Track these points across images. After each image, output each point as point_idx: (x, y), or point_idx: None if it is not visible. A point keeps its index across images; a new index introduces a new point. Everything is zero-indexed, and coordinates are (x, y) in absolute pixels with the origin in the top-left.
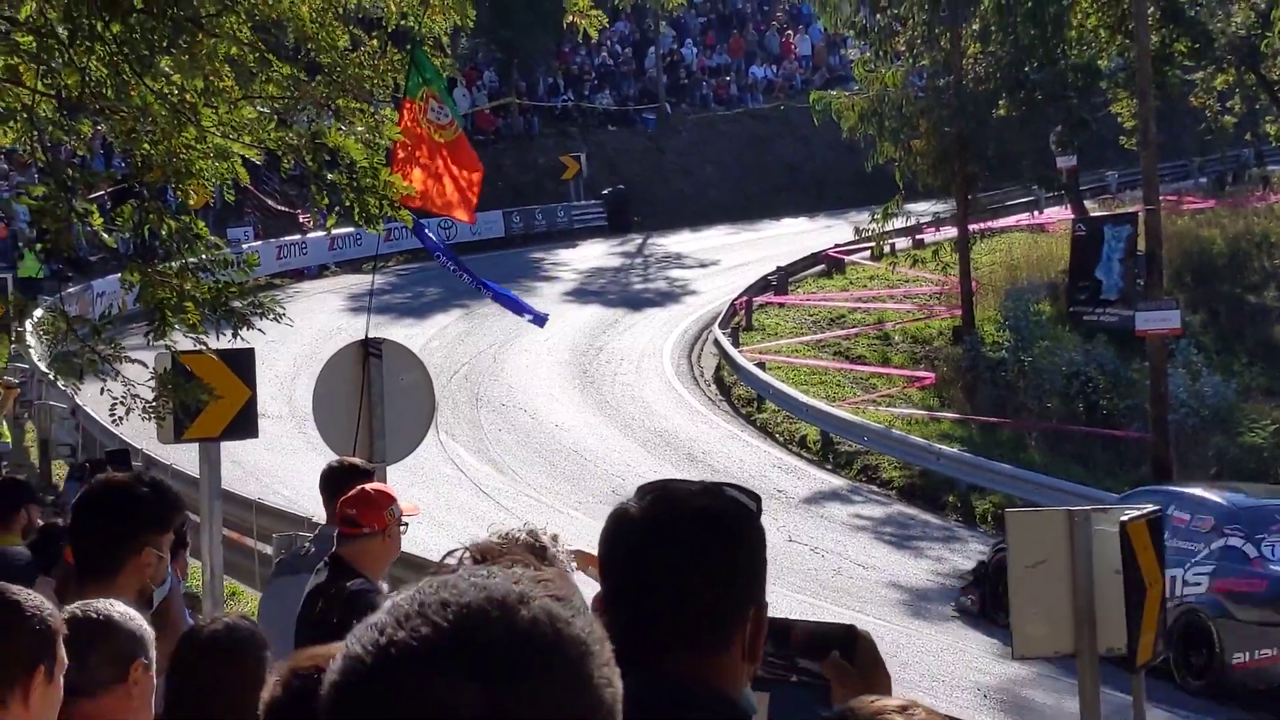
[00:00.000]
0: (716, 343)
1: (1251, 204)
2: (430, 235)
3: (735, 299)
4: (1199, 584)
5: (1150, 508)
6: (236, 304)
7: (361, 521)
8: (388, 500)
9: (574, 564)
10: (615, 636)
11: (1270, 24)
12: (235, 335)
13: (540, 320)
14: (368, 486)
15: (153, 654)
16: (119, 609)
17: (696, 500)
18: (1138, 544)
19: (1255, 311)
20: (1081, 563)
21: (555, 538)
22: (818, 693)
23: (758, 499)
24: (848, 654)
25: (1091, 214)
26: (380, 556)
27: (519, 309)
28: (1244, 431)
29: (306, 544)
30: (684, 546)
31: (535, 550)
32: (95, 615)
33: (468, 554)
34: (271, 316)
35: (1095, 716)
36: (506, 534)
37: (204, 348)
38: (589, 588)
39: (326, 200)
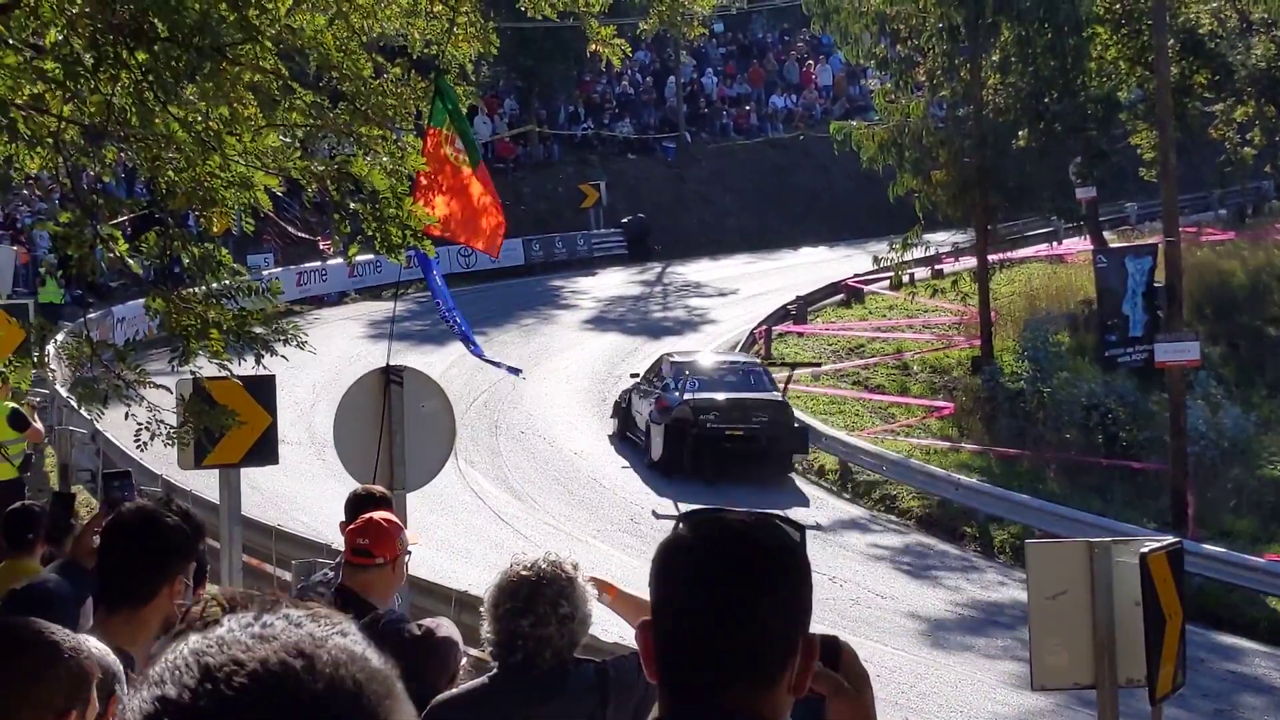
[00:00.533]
0: None
1: (1272, 236)
2: (436, 276)
3: (754, 328)
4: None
5: (1170, 540)
6: (259, 330)
7: (375, 552)
8: (398, 530)
9: (594, 590)
10: (670, 668)
11: None
12: (258, 362)
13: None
14: (376, 516)
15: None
16: (94, 645)
17: (756, 531)
18: (1158, 576)
19: (1276, 344)
20: (1101, 594)
21: (576, 566)
22: (812, 708)
23: (803, 530)
24: (832, 665)
25: (1111, 245)
26: (389, 586)
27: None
28: (1263, 464)
29: (328, 571)
30: (746, 578)
31: (563, 577)
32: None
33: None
34: (295, 343)
35: None
36: (532, 563)
37: (228, 374)
38: (607, 614)
39: (349, 228)
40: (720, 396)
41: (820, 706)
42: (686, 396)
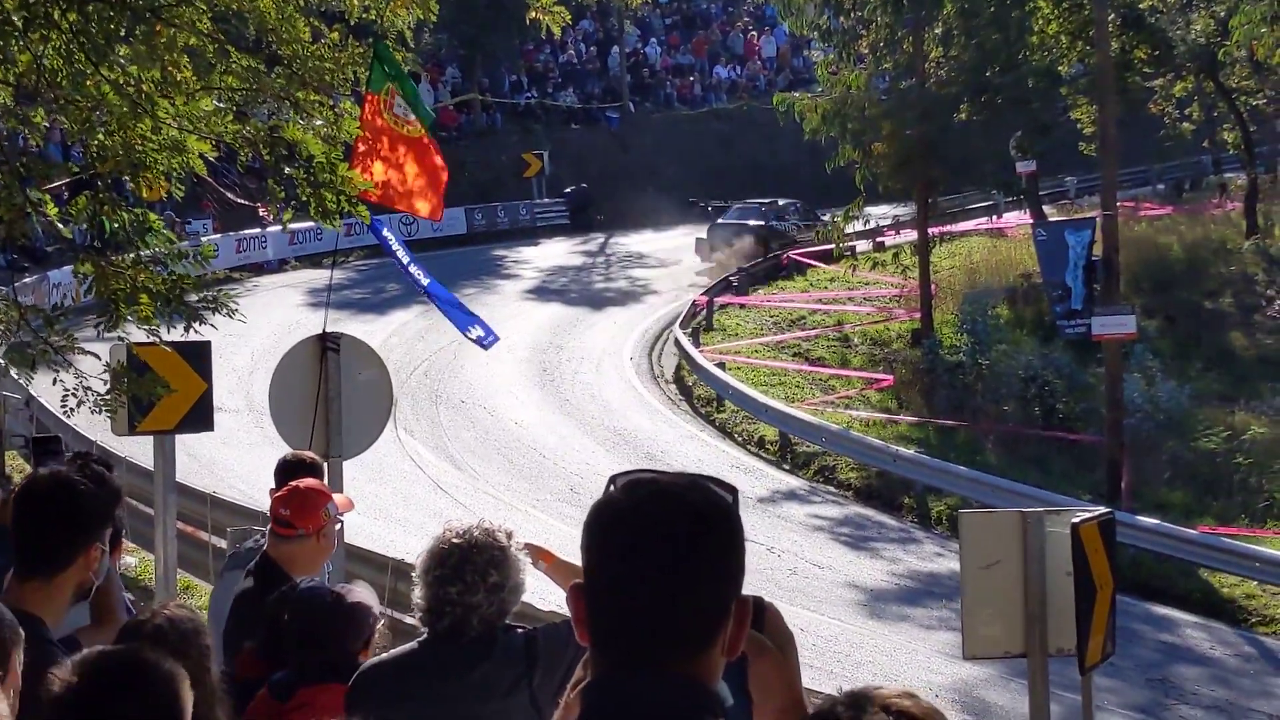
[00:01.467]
0: (677, 343)
1: (1209, 211)
2: (386, 234)
3: (696, 299)
4: None
5: (1102, 510)
6: (191, 298)
7: (296, 523)
8: (323, 499)
9: (528, 559)
10: (602, 632)
11: (1229, 32)
12: (187, 330)
13: (486, 342)
14: (301, 484)
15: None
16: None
17: (688, 493)
18: (1089, 546)
19: (1211, 318)
20: (1034, 564)
21: (510, 535)
22: (734, 669)
23: (735, 491)
24: (757, 626)
25: (1050, 219)
26: (313, 557)
27: (465, 325)
28: (1198, 437)
29: (258, 537)
30: (678, 541)
31: (495, 545)
32: None
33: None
34: (224, 312)
35: (1044, 716)
36: (464, 530)
37: (157, 340)
38: (542, 582)
39: (283, 194)
40: None
41: (743, 667)
42: None
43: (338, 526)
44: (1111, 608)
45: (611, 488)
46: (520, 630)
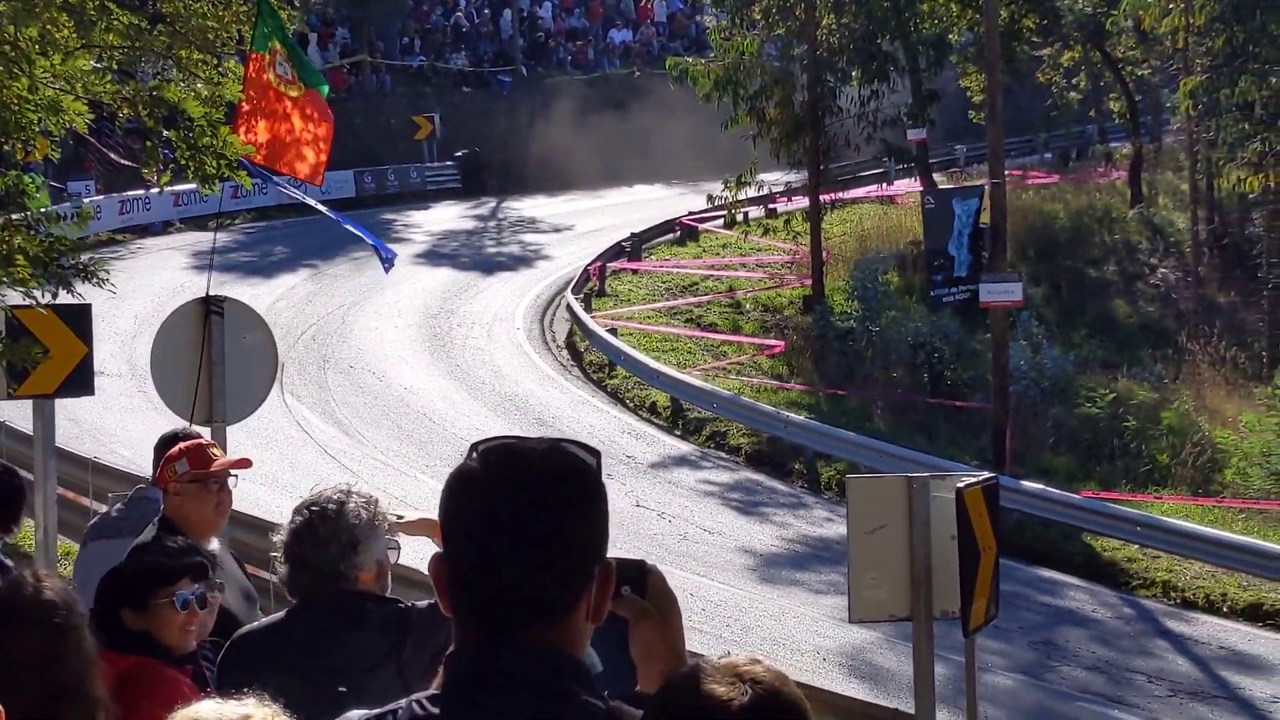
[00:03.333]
0: (569, 308)
1: (1094, 180)
2: (279, 183)
3: (589, 264)
4: None
5: (986, 475)
6: (67, 261)
7: (195, 467)
8: (173, 456)
9: (390, 530)
10: (462, 602)
11: (1116, 2)
12: (55, 296)
13: (387, 260)
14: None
15: None
16: None
17: (545, 459)
18: (973, 510)
19: (1095, 285)
20: (919, 528)
21: (375, 501)
22: (613, 633)
23: (598, 454)
24: (639, 589)
25: (940, 187)
26: (214, 517)
27: (373, 242)
28: (1081, 403)
29: (119, 505)
30: (538, 507)
31: (350, 507)
32: None
33: None
34: (95, 281)
35: (929, 679)
36: (323, 493)
37: (34, 303)
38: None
39: (161, 156)
40: None
41: (623, 631)
42: None
43: (233, 483)
44: (995, 571)
45: (473, 455)
46: (398, 603)
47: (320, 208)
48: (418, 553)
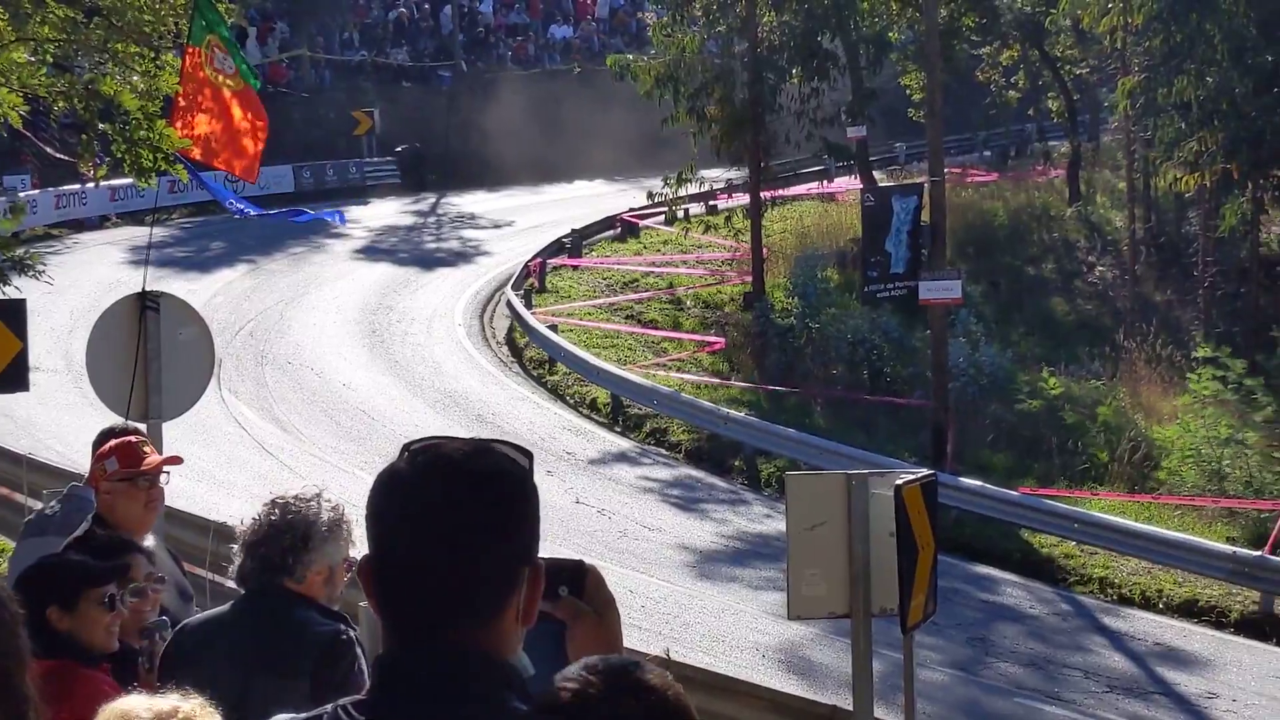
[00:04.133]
0: (509, 304)
1: (1033, 178)
2: (213, 181)
3: (529, 260)
4: None
5: (925, 472)
6: (2, 256)
7: (124, 465)
8: (103, 454)
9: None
10: (389, 606)
11: (1055, 2)
12: None
13: (336, 217)
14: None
15: None
16: None
17: (471, 460)
18: (912, 507)
19: (1033, 283)
20: (858, 525)
21: (338, 507)
22: (552, 635)
23: (529, 455)
24: (577, 590)
25: (880, 184)
26: (145, 515)
27: (319, 215)
28: (1020, 400)
29: (54, 503)
30: (462, 508)
31: (314, 510)
32: None
33: None
34: (30, 275)
35: (867, 676)
36: (291, 494)
37: None
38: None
39: (97, 150)
40: None
41: (561, 632)
42: None
43: (165, 480)
44: (933, 568)
45: (403, 455)
46: (338, 625)
47: (251, 211)
48: None
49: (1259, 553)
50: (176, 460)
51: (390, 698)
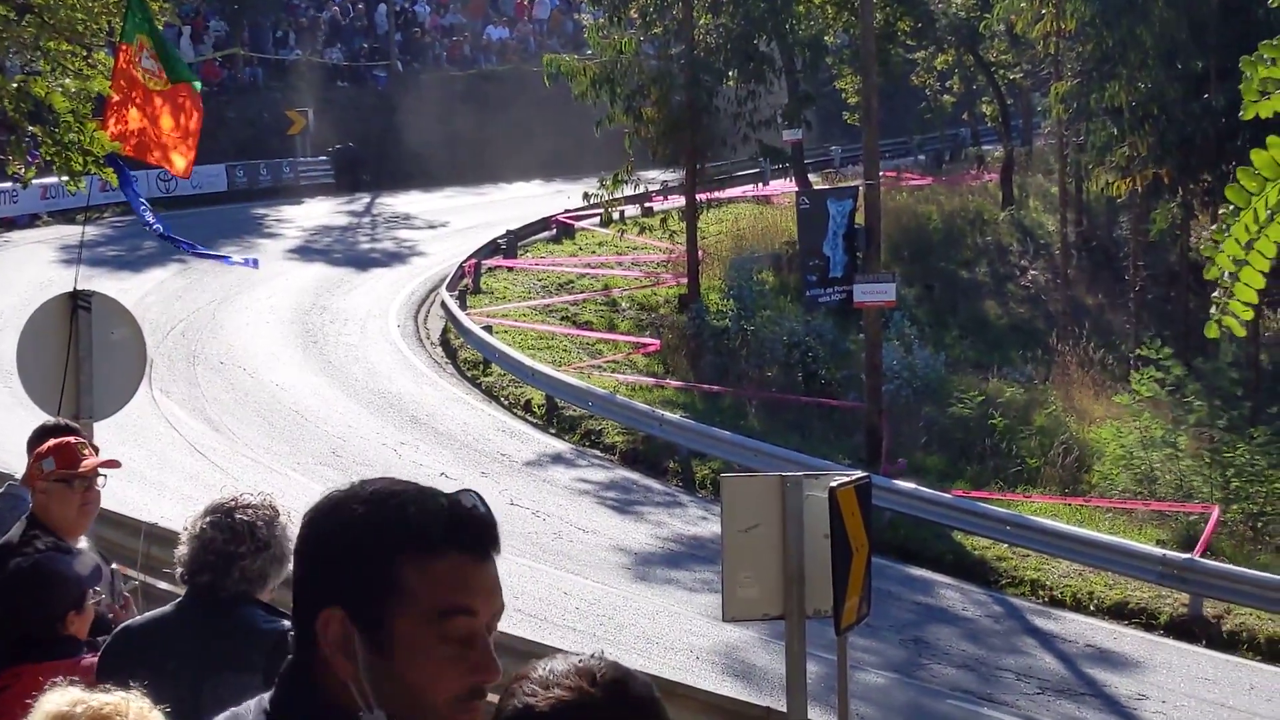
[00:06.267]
0: (444, 305)
1: (967, 182)
2: (137, 193)
3: (464, 261)
4: None
5: (859, 474)
6: None
7: (62, 466)
8: (41, 454)
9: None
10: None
11: (990, 7)
12: None
13: (249, 263)
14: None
15: None
16: None
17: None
18: (846, 509)
19: (967, 286)
20: (792, 527)
21: (288, 512)
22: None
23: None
24: None
25: (815, 188)
26: (80, 517)
27: (226, 259)
28: (954, 403)
29: None
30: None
31: (268, 506)
32: None
33: None
34: None
35: (801, 677)
36: (240, 492)
37: None
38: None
39: (26, 152)
40: None
41: None
42: None
43: (101, 483)
44: (867, 570)
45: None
46: (286, 623)
47: (160, 228)
48: None
49: (1188, 555)
50: (114, 464)
51: (287, 697)
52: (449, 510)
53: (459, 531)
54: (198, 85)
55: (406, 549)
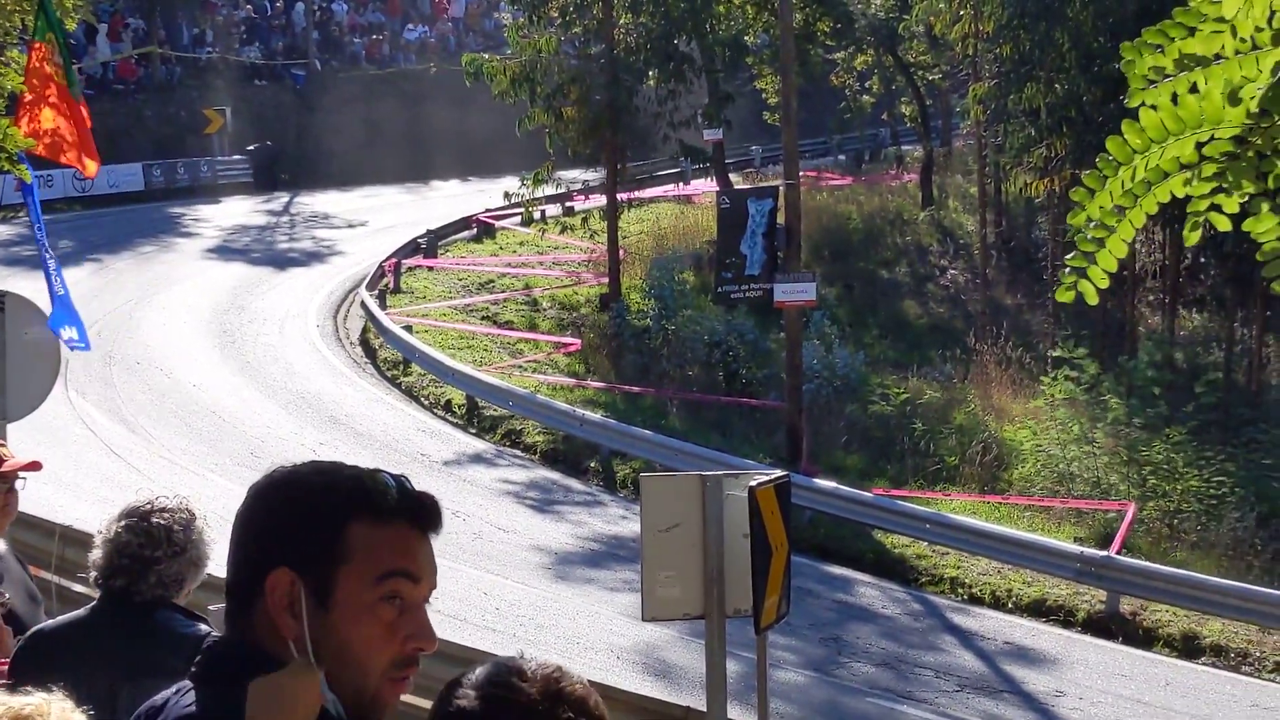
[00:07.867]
0: (363, 305)
1: (886, 182)
2: (36, 205)
3: (384, 261)
4: None
5: (778, 474)
6: None
7: None
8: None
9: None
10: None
11: (909, 8)
12: None
13: (74, 345)
14: None
15: None
16: None
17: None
18: (765, 508)
19: (887, 286)
20: (712, 527)
21: (196, 513)
22: None
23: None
24: None
25: (736, 187)
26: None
27: (60, 323)
28: (874, 402)
29: None
30: (239, 516)
31: (185, 509)
32: None
33: None
34: None
35: (721, 677)
36: (156, 495)
37: None
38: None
39: None
40: None
41: None
42: None
43: (20, 486)
44: (787, 568)
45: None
46: (204, 627)
47: (48, 261)
48: None
49: (1105, 553)
50: (36, 466)
51: (214, 666)
52: (399, 485)
53: (409, 504)
54: (77, 95)
55: (360, 514)
